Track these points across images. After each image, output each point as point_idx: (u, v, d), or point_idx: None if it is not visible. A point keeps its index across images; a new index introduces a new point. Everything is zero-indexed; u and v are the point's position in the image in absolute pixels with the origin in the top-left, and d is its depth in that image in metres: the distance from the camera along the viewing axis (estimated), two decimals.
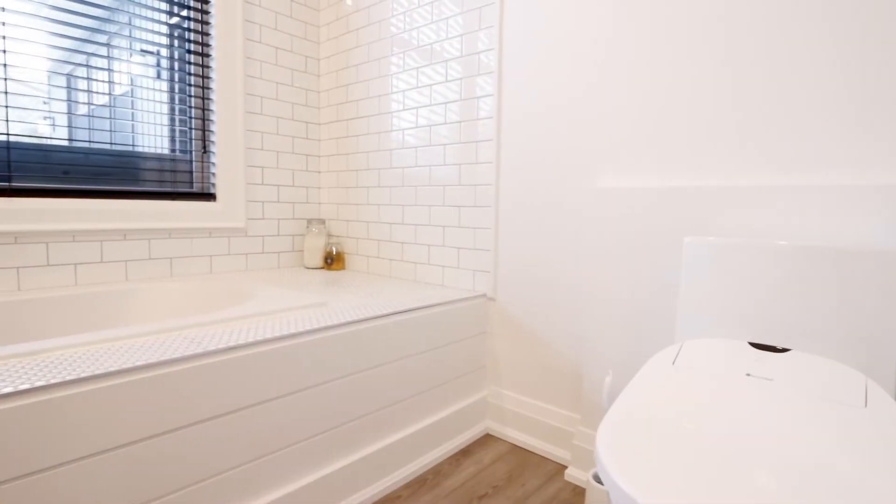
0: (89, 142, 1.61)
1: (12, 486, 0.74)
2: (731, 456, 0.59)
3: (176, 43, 1.79)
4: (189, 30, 1.81)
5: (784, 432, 0.63)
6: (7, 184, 1.43)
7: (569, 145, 1.43)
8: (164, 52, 1.77)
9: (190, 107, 1.83)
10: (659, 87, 1.25)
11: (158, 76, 1.77)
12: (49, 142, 1.53)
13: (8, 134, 1.43)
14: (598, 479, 1.24)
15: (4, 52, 1.42)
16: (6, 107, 1.43)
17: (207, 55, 1.84)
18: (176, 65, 1.80)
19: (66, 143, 1.57)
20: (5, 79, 1.43)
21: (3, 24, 1.42)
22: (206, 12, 1.83)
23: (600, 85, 1.35)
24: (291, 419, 1.09)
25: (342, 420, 1.20)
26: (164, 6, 1.75)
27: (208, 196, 1.85)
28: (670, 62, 1.23)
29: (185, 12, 1.79)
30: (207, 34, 1.83)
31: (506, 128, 1.57)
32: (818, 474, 0.54)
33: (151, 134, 1.76)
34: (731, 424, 0.65)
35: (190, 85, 1.83)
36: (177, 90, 1.81)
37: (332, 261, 2.09)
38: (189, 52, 1.81)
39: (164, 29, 1.76)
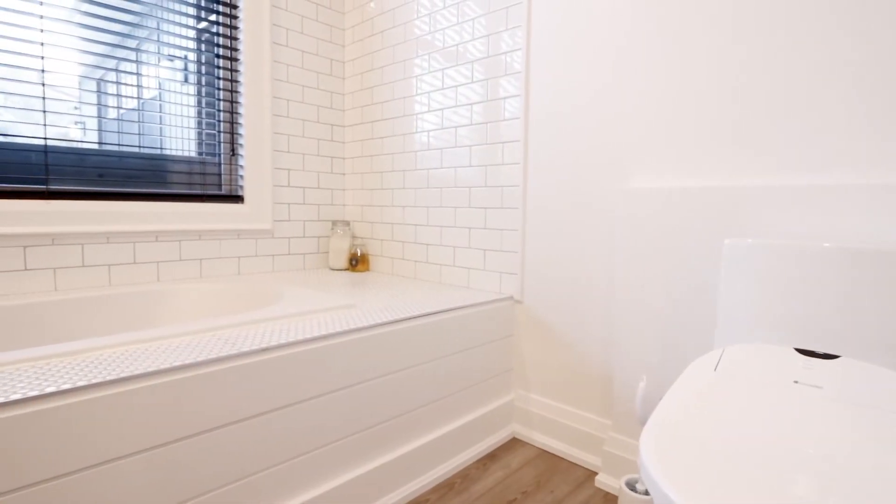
0: (118, 145, 1.64)
1: (53, 486, 0.75)
2: (780, 465, 0.56)
3: (204, 48, 1.82)
4: (218, 34, 1.83)
5: (836, 442, 0.60)
6: (44, 186, 1.46)
7: (598, 145, 1.41)
8: (193, 56, 1.80)
9: (219, 110, 1.86)
10: (692, 84, 1.22)
11: (187, 80, 1.80)
12: (81, 146, 1.56)
13: (46, 138, 1.47)
14: (631, 486, 1.22)
15: (43, 58, 1.46)
16: (44, 112, 1.47)
17: (236, 59, 1.86)
18: (204, 69, 1.83)
19: (99, 146, 1.60)
20: (43, 84, 1.47)
21: (42, 30, 1.46)
22: (235, 17, 1.85)
23: (629, 84, 1.33)
24: (322, 421, 1.09)
25: (371, 422, 1.20)
26: (192, 11, 1.78)
27: (236, 198, 1.87)
28: (701, 59, 1.20)
29: (213, 17, 1.82)
30: (236, 39, 1.86)
31: (533, 128, 1.55)
32: (874, 486, 0.51)
33: (181, 137, 1.79)
34: (780, 433, 0.63)
35: (219, 89, 1.85)
36: (206, 94, 1.83)
37: (357, 262, 2.09)
38: (218, 56, 1.84)
39: (192, 34, 1.79)
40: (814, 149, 1.05)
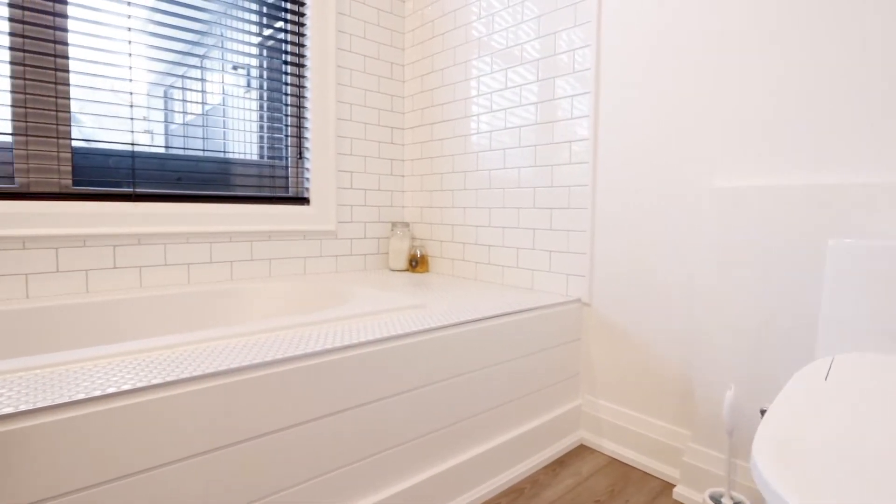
0: (192, 150, 1.71)
1: (130, 482, 0.77)
2: None
3: (272, 55, 1.88)
4: (286, 41, 1.89)
5: None
6: (132, 189, 1.55)
7: (675, 141, 1.35)
8: (261, 64, 1.86)
9: (286, 115, 1.91)
10: (777, 75, 1.15)
11: (252, 86, 1.86)
12: (161, 151, 1.65)
13: (133, 144, 1.55)
14: (716, 500, 1.15)
15: (131, 68, 1.55)
16: (132, 119, 1.55)
17: (303, 65, 1.92)
18: (273, 75, 1.89)
19: (165, 150, 1.68)
20: (131, 93, 1.55)
21: (130, 42, 1.55)
22: (302, 24, 1.91)
23: (711, 77, 1.27)
24: (392, 422, 1.09)
25: (439, 425, 1.19)
26: (259, 20, 1.84)
27: (303, 200, 1.92)
28: (797, 50, 1.12)
29: (279, 24, 1.88)
30: (303, 45, 1.91)
31: (603, 126, 1.51)
32: None
33: (251, 142, 1.85)
34: None
35: (286, 94, 1.91)
36: (274, 99, 1.89)
37: (417, 263, 2.10)
38: (286, 63, 1.90)
39: (259, 41, 1.85)
40: None
